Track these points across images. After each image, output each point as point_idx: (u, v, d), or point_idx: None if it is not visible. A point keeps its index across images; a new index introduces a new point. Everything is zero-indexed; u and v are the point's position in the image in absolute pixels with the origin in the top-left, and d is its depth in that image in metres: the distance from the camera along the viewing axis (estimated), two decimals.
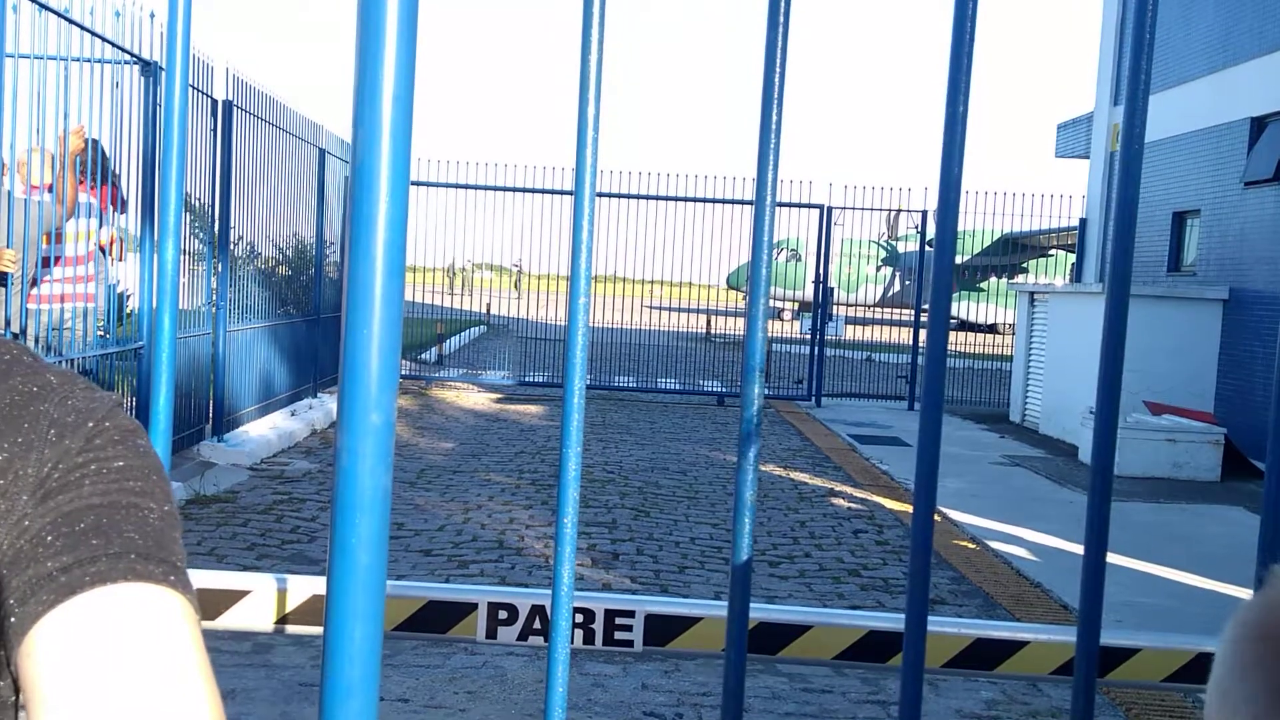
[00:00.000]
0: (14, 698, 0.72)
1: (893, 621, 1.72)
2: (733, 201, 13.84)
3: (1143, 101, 1.40)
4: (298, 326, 10.59)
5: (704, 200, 13.97)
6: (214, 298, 8.41)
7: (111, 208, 6.62)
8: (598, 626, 1.74)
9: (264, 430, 9.05)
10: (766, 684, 4.38)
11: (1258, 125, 11.01)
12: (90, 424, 0.76)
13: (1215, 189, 11.68)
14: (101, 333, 6.70)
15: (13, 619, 0.68)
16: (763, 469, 9.24)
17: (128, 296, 7.45)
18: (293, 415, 10.02)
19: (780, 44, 1.36)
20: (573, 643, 1.74)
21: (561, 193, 13.73)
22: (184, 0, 1.82)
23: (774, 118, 1.34)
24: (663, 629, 1.75)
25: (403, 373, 14.47)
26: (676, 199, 13.96)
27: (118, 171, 6.73)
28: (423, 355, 16.41)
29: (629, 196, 13.96)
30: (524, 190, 13.97)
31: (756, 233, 1.37)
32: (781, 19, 1.35)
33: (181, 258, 8.56)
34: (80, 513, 0.71)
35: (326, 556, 0.90)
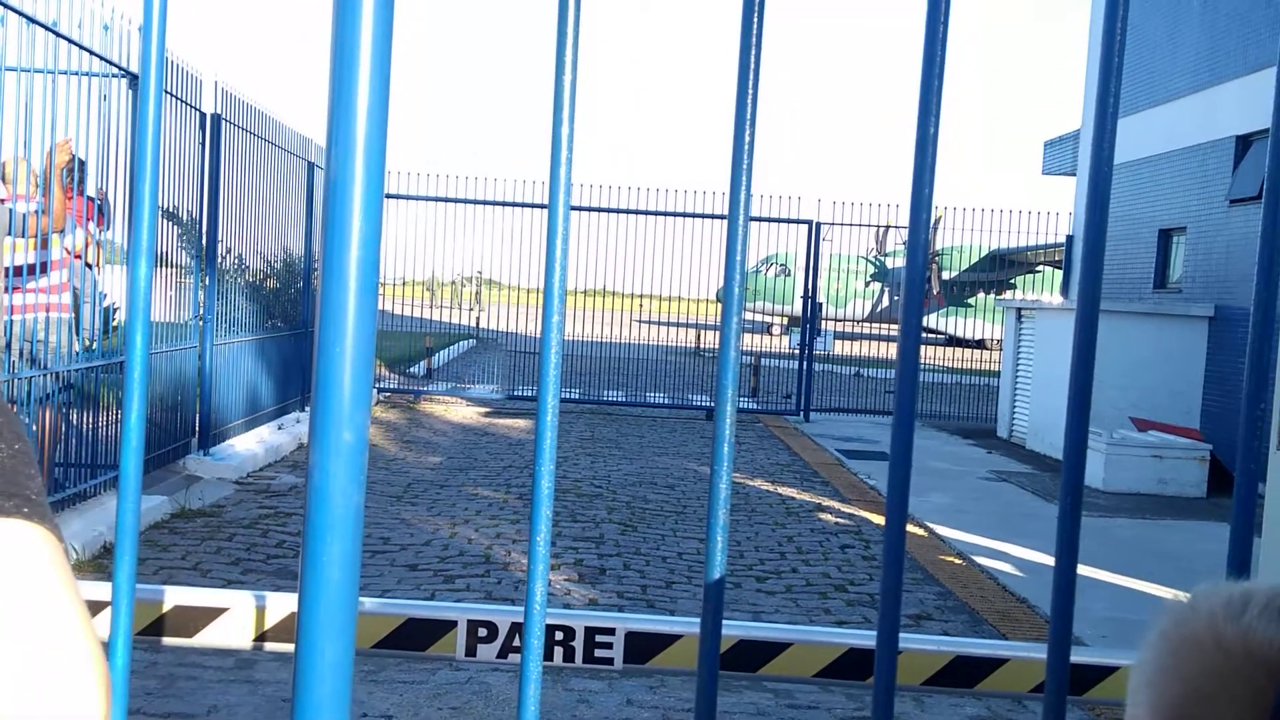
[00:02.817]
0: None
1: (872, 639, 1.72)
2: (718, 217, 13.86)
3: (1111, 123, 1.41)
4: (285, 340, 10.57)
5: (686, 215, 14.00)
6: (201, 311, 8.39)
7: (91, 221, 6.60)
8: (578, 644, 1.74)
9: (250, 444, 9.02)
10: (751, 700, 4.37)
11: (1242, 143, 11.08)
12: None
13: (1201, 206, 11.75)
14: (88, 344, 6.67)
15: None
16: (750, 484, 9.25)
17: (115, 309, 7.42)
18: (279, 429, 9.99)
19: (753, 66, 1.36)
20: (552, 660, 1.74)
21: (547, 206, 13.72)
22: (159, 12, 1.82)
23: (746, 138, 1.35)
24: (643, 647, 1.75)
25: (391, 386, 14.45)
26: (659, 214, 13.99)
27: (103, 189, 6.72)
28: (411, 369, 16.38)
29: (610, 211, 13.97)
30: (508, 204, 13.98)
31: (729, 253, 1.38)
32: (754, 41, 1.36)
33: (168, 271, 8.52)
34: None
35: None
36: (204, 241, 8.41)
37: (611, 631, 1.72)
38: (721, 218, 13.86)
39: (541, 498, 1.32)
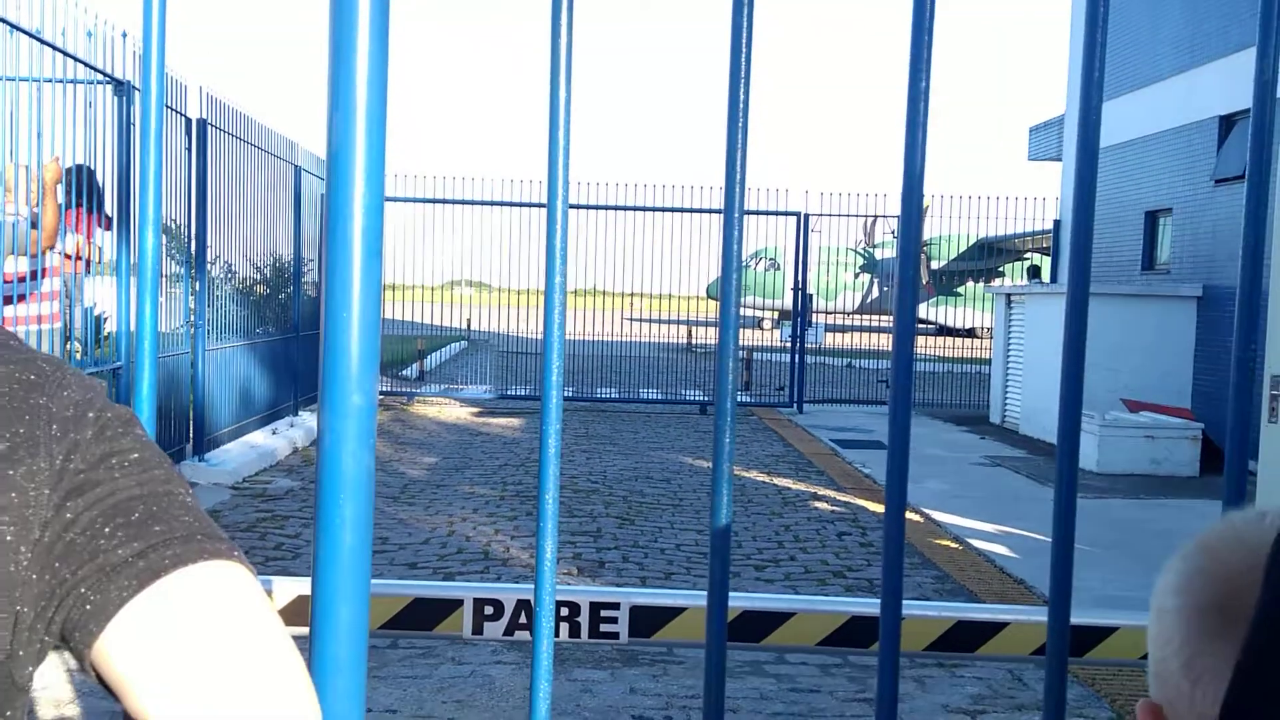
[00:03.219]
0: (30, 684, 0.74)
1: (873, 606, 1.73)
2: (709, 211, 13.89)
3: (1096, 104, 1.43)
4: (276, 344, 10.56)
5: (674, 210, 14.02)
6: (191, 317, 8.38)
7: (89, 227, 6.60)
8: (583, 620, 1.76)
9: (245, 449, 9.01)
10: (755, 685, 4.39)
11: (1226, 123, 11.14)
12: (91, 414, 0.78)
13: (1186, 187, 11.81)
14: (78, 354, 6.66)
15: (88, 606, 0.71)
16: (746, 475, 9.27)
17: (104, 319, 7.42)
18: (274, 433, 9.99)
19: (744, 65, 1.38)
20: (559, 636, 1.75)
21: (538, 205, 13.75)
22: (158, 23, 1.83)
23: (739, 131, 1.37)
24: (648, 620, 1.77)
25: (384, 389, 14.44)
26: (652, 209, 14.01)
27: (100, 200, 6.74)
28: (403, 372, 16.38)
29: (605, 208, 13.99)
30: (499, 204, 13.98)
31: (726, 244, 1.40)
32: (744, 40, 1.38)
33: (158, 278, 8.53)
34: (128, 503, 0.75)
35: (311, 570, 0.92)
36: (193, 247, 8.41)
37: (616, 606, 1.74)
38: (710, 211, 13.89)
39: (549, 455, 1.34)
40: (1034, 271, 18.28)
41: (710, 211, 13.89)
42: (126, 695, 0.70)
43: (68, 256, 6.36)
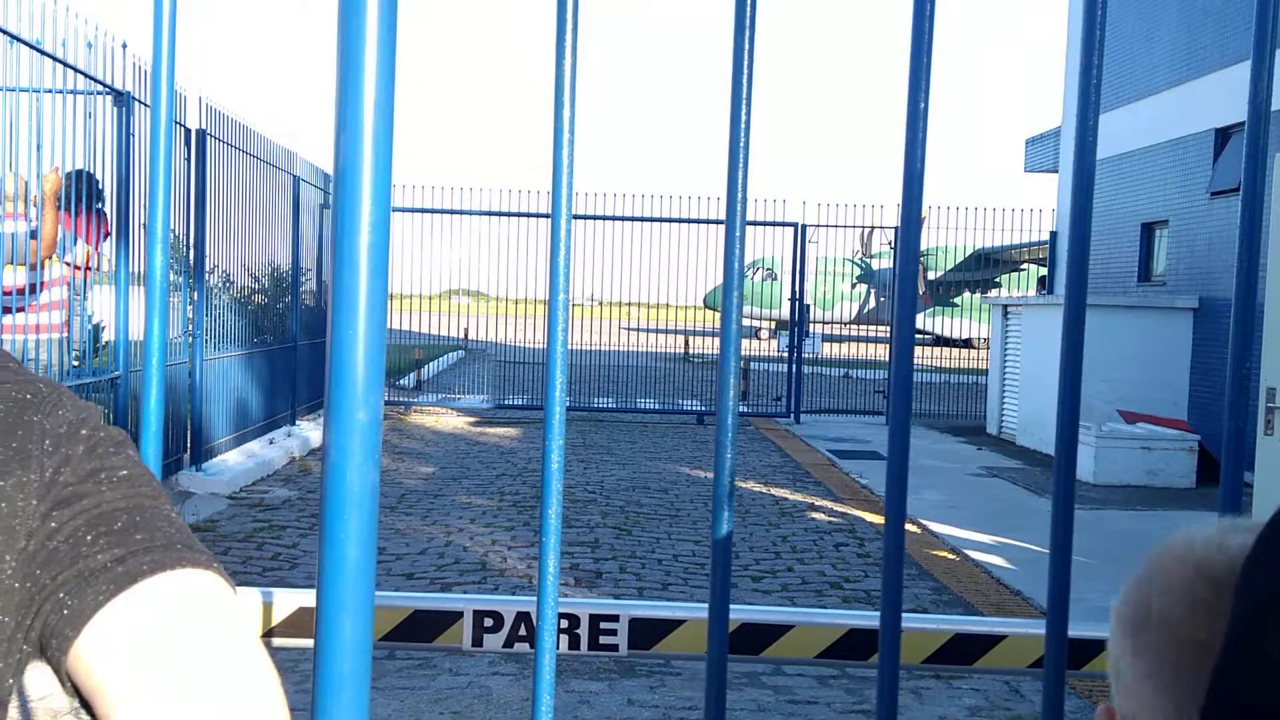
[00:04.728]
0: (9, 697, 0.74)
1: (872, 619, 1.74)
2: (707, 221, 13.92)
3: (1094, 117, 1.44)
4: (274, 354, 10.57)
5: (677, 220, 14.05)
6: (190, 327, 8.38)
7: (97, 236, 6.61)
8: (583, 632, 1.76)
9: (242, 458, 9.01)
10: (752, 697, 4.39)
11: (1222, 136, 11.18)
12: (84, 431, 0.79)
13: (1182, 199, 11.84)
14: (76, 362, 6.66)
15: (65, 611, 0.71)
16: (743, 485, 9.27)
17: (103, 328, 7.42)
18: (271, 443, 9.98)
19: (746, 75, 1.39)
20: (558, 648, 1.75)
21: (538, 215, 13.78)
22: (168, 38, 1.84)
23: (741, 141, 1.38)
24: (647, 632, 1.78)
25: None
26: (648, 219, 14.03)
27: (101, 205, 6.73)
28: (400, 381, 16.38)
29: (605, 218, 14.02)
30: (500, 214, 14.01)
31: (728, 253, 1.41)
32: (747, 45, 1.39)
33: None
34: (112, 514, 0.76)
35: (309, 583, 0.94)
36: (191, 257, 8.41)
37: (616, 619, 1.75)
38: (708, 222, 13.91)
39: (551, 471, 1.35)
40: (1043, 282, 18.34)
41: (707, 222, 13.92)
42: (100, 702, 0.70)
43: (74, 266, 6.36)
